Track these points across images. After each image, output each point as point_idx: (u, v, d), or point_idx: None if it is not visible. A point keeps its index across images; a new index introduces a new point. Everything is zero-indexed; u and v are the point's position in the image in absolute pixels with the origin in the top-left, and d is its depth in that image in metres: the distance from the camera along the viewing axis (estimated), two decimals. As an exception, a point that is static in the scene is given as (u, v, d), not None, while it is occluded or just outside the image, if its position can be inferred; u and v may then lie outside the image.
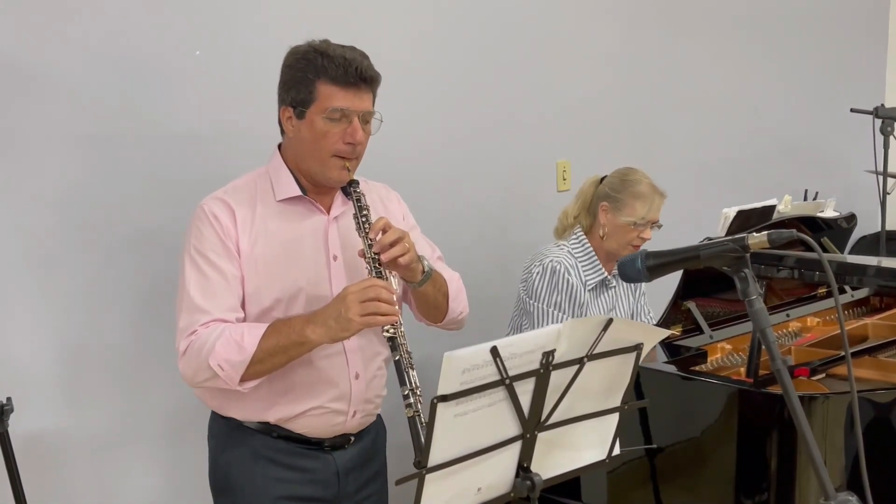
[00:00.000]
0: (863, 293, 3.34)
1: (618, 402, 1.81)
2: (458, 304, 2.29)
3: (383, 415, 2.36)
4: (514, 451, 1.68)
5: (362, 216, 2.05)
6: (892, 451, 2.35)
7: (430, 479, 1.55)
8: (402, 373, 1.95)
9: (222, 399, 2.14)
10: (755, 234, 1.65)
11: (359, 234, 2.05)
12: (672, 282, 2.87)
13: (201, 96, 2.70)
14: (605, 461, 1.84)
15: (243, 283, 2.08)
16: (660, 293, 2.93)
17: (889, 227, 4.41)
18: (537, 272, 2.78)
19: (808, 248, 1.66)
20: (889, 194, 4.21)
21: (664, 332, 1.86)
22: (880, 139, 4.08)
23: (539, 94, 3.64)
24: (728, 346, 2.89)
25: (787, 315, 3.13)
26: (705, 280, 2.91)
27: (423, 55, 3.25)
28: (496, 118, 3.51)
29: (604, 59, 3.88)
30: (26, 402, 2.31)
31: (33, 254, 2.45)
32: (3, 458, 2.14)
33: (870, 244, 4.75)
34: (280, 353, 2.00)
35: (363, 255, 2.03)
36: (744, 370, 2.65)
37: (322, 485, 2.19)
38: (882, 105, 4.15)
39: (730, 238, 1.68)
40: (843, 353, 2.48)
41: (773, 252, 2.68)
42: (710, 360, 2.76)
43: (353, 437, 2.22)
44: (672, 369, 2.59)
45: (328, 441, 2.18)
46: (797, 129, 4.82)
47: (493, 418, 1.61)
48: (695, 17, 4.26)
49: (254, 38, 2.78)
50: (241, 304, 2.08)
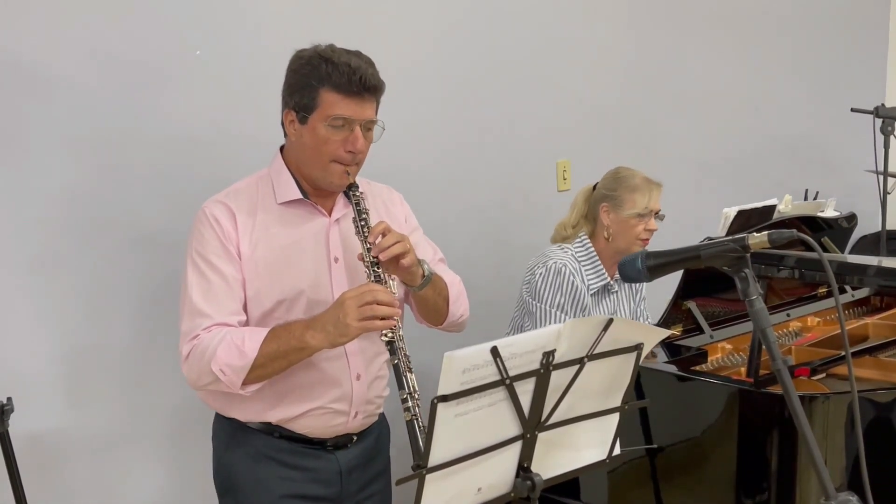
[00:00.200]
0: (863, 293, 3.34)
1: (618, 402, 1.81)
2: (459, 307, 2.28)
3: (387, 415, 2.36)
4: (514, 451, 1.68)
5: (361, 220, 2.05)
6: (892, 450, 2.35)
7: (430, 479, 1.55)
8: (400, 377, 1.95)
9: (224, 401, 2.15)
10: (755, 233, 1.66)
11: (358, 237, 2.05)
12: (672, 282, 2.87)
13: (203, 97, 2.70)
14: (605, 461, 1.84)
15: (244, 285, 2.08)
16: (660, 293, 2.93)
17: (889, 227, 4.41)
18: (541, 273, 2.78)
19: (809, 248, 1.66)
20: (889, 194, 4.21)
21: (664, 332, 1.86)
22: (881, 139, 4.08)
23: (539, 93, 3.64)
24: (728, 346, 2.89)
25: (788, 315, 3.13)
26: (706, 280, 2.90)
27: (423, 56, 3.25)
28: (496, 118, 3.51)
29: (604, 59, 3.89)
30: (28, 402, 2.31)
31: (35, 254, 2.45)
32: (4, 458, 2.14)
33: (870, 244, 4.75)
34: (280, 358, 2.00)
35: (362, 258, 2.03)
36: (744, 370, 2.65)
37: (325, 484, 2.19)
38: (882, 105, 4.15)
39: (730, 238, 1.68)
40: (843, 353, 2.47)
41: (774, 252, 2.68)
42: (710, 359, 2.76)
43: (355, 437, 2.23)
44: (672, 369, 2.59)
45: (330, 441, 2.19)
46: (798, 129, 4.82)
47: (494, 418, 1.61)
48: (695, 17, 4.26)
49: (256, 39, 2.78)
50: (243, 307, 2.09)
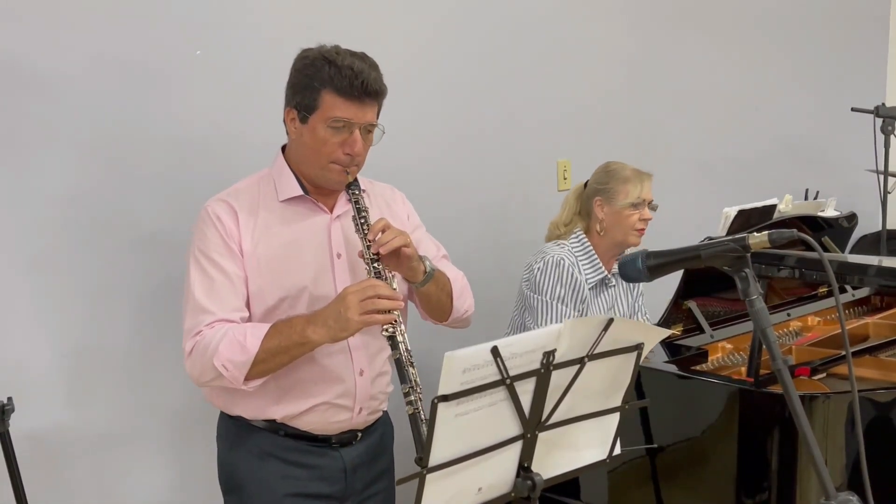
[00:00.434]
0: (863, 292, 3.34)
1: (618, 402, 1.81)
2: (463, 302, 2.30)
3: (390, 414, 2.36)
4: (514, 450, 1.68)
5: (361, 217, 2.06)
6: (892, 450, 2.35)
7: (430, 478, 1.55)
8: (402, 370, 1.96)
9: (228, 397, 2.16)
10: (756, 233, 1.66)
11: (358, 235, 2.06)
12: (673, 281, 2.88)
13: (204, 98, 2.70)
14: (605, 461, 1.84)
15: (247, 283, 2.09)
16: (660, 292, 2.93)
17: (890, 227, 4.41)
18: (539, 267, 2.80)
19: (809, 248, 1.66)
20: (890, 193, 4.21)
21: (665, 332, 1.86)
22: (881, 138, 4.08)
23: (540, 93, 3.64)
24: (729, 346, 2.89)
25: (788, 314, 3.13)
26: (706, 279, 2.91)
27: (423, 55, 3.25)
28: (497, 118, 3.51)
29: (605, 59, 3.89)
30: (29, 402, 2.31)
31: (37, 255, 2.45)
32: (5, 458, 2.14)
33: (870, 243, 4.75)
34: (282, 353, 2.01)
35: (362, 255, 2.04)
36: (744, 370, 2.65)
37: (329, 481, 2.20)
38: (883, 104, 4.16)
39: (730, 238, 1.68)
40: (843, 353, 2.48)
41: (774, 251, 2.68)
42: (710, 359, 2.76)
43: (360, 434, 2.23)
44: (673, 369, 2.59)
45: (335, 438, 2.20)
46: (798, 129, 4.82)
47: (494, 418, 1.61)
48: (696, 17, 4.26)
49: (256, 39, 2.78)
50: (246, 304, 2.10)
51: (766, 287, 3.06)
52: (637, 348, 1.76)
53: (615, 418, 1.83)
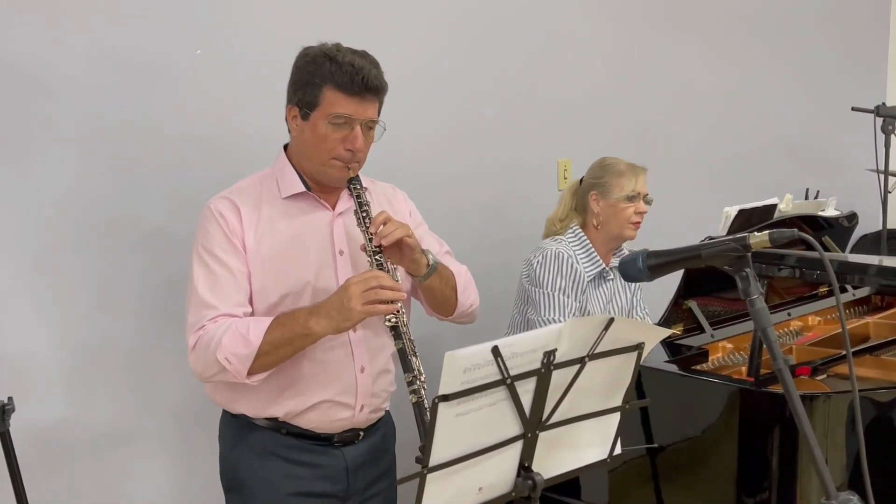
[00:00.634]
0: (864, 292, 3.34)
1: (619, 402, 1.81)
2: (468, 297, 2.31)
3: (392, 415, 2.36)
4: (515, 450, 1.68)
5: (362, 211, 2.08)
6: (893, 450, 2.35)
7: (431, 478, 1.55)
8: (405, 359, 1.98)
9: (231, 394, 2.16)
10: (756, 233, 1.66)
11: (360, 228, 2.07)
12: (673, 281, 2.88)
13: (204, 97, 2.70)
14: (606, 460, 1.84)
15: (250, 279, 2.10)
16: (661, 292, 2.93)
17: (890, 226, 4.41)
18: (538, 261, 2.84)
19: (810, 247, 1.66)
20: (890, 193, 4.22)
21: (665, 332, 1.86)
22: (881, 138, 4.08)
23: (540, 93, 3.64)
24: (729, 346, 2.89)
25: (789, 314, 3.13)
26: (706, 279, 2.91)
27: (424, 55, 3.25)
28: (498, 117, 3.51)
29: (605, 59, 3.89)
30: (30, 401, 2.31)
31: (38, 254, 2.46)
32: (5, 458, 2.13)
33: (871, 243, 4.75)
34: (285, 345, 2.02)
35: (364, 249, 2.05)
36: (745, 369, 2.65)
37: (331, 480, 2.20)
38: (883, 104, 4.16)
39: (731, 237, 1.68)
40: (844, 352, 2.48)
41: (775, 251, 2.68)
42: (711, 359, 2.76)
43: (362, 433, 2.24)
44: (673, 368, 2.59)
45: (337, 437, 2.20)
46: (798, 128, 4.81)
47: (495, 418, 1.61)
48: (696, 17, 4.26)
49: (257, 39, 2.79)
50: (249, 300, 2.10)
51: (767, 286, 3.06)
52: (637, 348, 1.76)
53: (616, 418, 1.83)
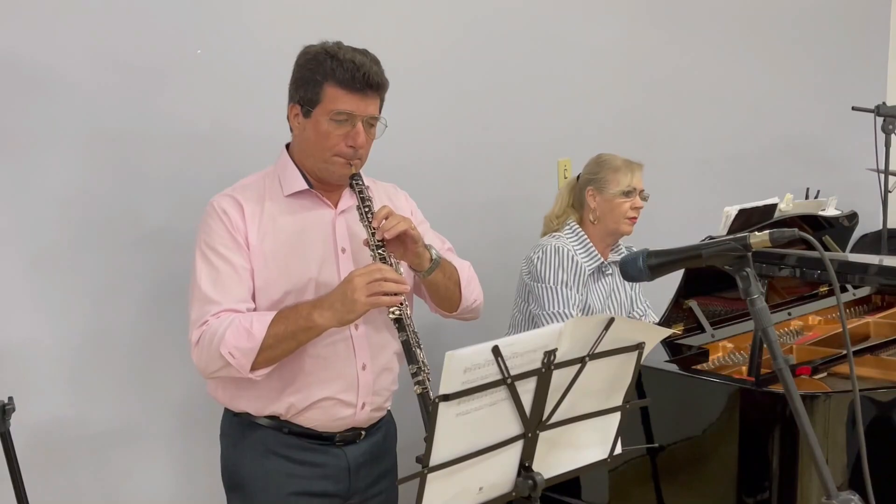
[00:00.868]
0: (864, 292, 3.34)
1: (619, 401, 1.81)
2: (471, 292, 2.32)
3: (393, 415, 2.36)
4: (515, 450, 1.68)
5: (365, 206, 2.09)
6: (893, 449, 2.35)
7: (431, 478, 1.55)
8: (410, 351, 1.99)
9: (233, 391, 2.17)
10: (757, 232, 1.66)
11: (362, 223, 2.08)
12: (673, 280, 2.87)
13: (205, 96, 2.70)
14: (606, 460, 1.84)
15: (253, 275, 2.11)
16: (661, 292, 2.93)
17: (890, 226, 4.41)
18: (538, 257, 2.86)
19: (810, 247, 1.66)
20: (890, 192, 4.22)
21: (665, 331, 1.86)
22: (882, 137, 4.08)
23: (540, 93, 3.64)
24: (730, 345, 2.89)
25: (789, 314, 3.13)
26: (707, 278, 2.90)
27: (424, 55, 3.25)
28: (498, 117, 3.51)
29: (605, 58, 3.88)
30: (31, 400, 2.31)
31: (41, 253, 2.46)
32: (6, 458, 2.14)
33: (871, 242, 4.75)
34: (289, 339, 2.03)
35: (367, 243, 2.06)
36: (745, 369, 2.65)
37: (333, 480, 2.21)
38: (883, 103, 4.16)
39: (731, 237, 1.68)
40: (844, 352, 2.48)
41: (775, 251, 2.67)
42: (711, 358, 2.76)
43: (363, 432, 2.24)
44: (674, 368, 2.59)
45: (339, 436, 2.20)
46: (798, 128, 4.81)
47: (495, 418, 1.61)
48: (696, 16, 4.26)
49: (257, 38, 2.79)
50: (252, 297, 2.11)
51: (767, 286, 3.06)
52: (638, 348, 1.76)
53: (616, 418, 1.83)
